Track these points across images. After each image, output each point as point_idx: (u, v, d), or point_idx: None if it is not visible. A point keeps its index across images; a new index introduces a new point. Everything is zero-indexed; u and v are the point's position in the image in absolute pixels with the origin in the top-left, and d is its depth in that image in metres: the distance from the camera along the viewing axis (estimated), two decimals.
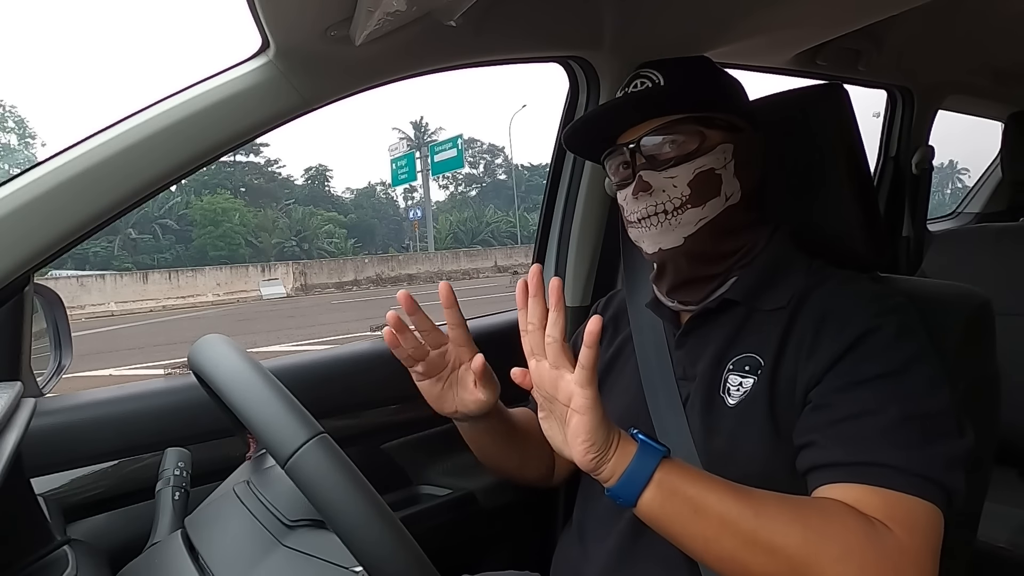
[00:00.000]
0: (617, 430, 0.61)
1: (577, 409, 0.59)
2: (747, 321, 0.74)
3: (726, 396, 0.71)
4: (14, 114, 36.39)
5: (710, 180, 0.73)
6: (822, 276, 0.74)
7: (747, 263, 0.76)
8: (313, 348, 2.54)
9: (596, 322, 0.59)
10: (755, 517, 0.58)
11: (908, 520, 0.57)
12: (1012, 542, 1.23)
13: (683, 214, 0.73)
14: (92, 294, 15.78)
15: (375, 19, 0.78)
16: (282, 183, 41.26)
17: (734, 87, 0.79)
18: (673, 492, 0.59)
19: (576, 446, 0.60)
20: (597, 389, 0.59)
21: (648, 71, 0.76)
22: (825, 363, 0.65)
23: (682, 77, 0.75)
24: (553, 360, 0.62)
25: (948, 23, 1.54)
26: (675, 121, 0.73)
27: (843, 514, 0.57)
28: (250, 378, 0.58)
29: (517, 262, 21.19)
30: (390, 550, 0.49)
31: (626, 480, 0.60)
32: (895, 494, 0.58)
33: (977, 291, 0.80)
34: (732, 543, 0.58)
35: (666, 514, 0.60)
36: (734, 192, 0.74)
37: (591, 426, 0.59)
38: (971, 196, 2.79)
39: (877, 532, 0.56)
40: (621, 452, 0.60)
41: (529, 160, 50.22)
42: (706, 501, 0.59)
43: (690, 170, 0.72)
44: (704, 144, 0.73)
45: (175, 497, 0.78)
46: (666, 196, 0.73)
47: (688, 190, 0.72)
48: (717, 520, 0.58)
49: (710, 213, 0.73)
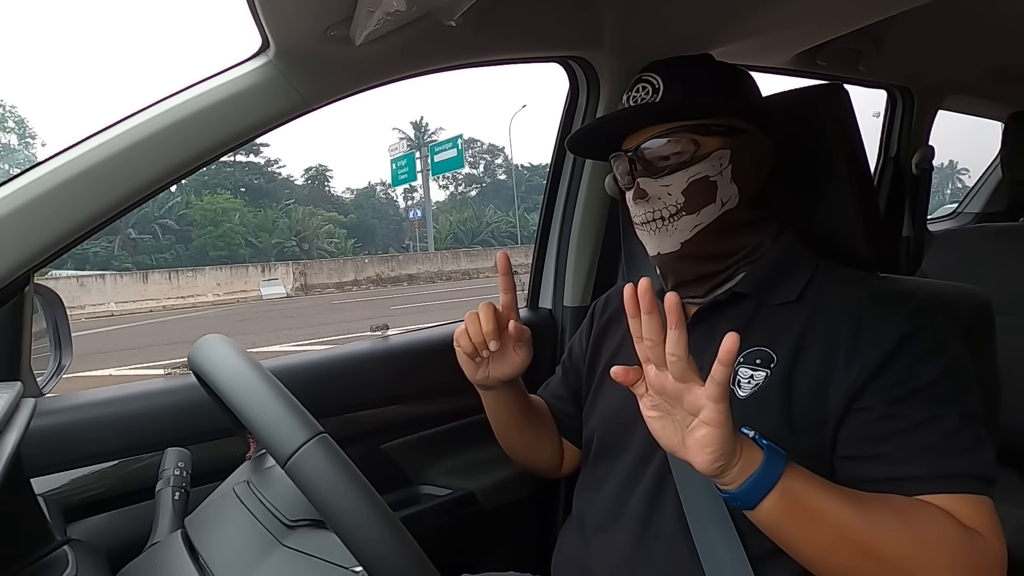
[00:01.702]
0: (741, 437, 0.60)
1: (708, 422, 0.57)
2: (756, 315, 0.74)
3: (736, 388, 0.72)
4: (14, 114, 36.41)
5: (705, 187, 0.73)
6: (834, 275, 0.74)
7: (755, 259, 0.76)
8: (313, 348, 2.54)
9: (733, 340, 0.56)
10: (870, 528, 0.59)
11: (991, 522, 0.61)
12: (1012, 542, 1.23)
13: (679, 220, 0.74)
14: (92, 294, 15.78)
15: (375, 19, 0.78)
16: (282, 183, 41.26)
17: (739, 86, 0.79)
18: (794, 500, 0.59)
19: (702, 455, 0.58)
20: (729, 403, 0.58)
21: (650, 75, 0.76)
22: (870, 368, 0.65)
23: (680, 83, 0.75)
24: (679, 376, 0.59)
25: (948, 23, 1.54)
26: (671, 129, 0.74)
27: (947, 524, 0.59)
28: (250, 378, 0.58)
29: (517, 262, 20.78)
30: (390, 550, 0.49)
31: (749, 487, 0.59)
32: (975, 498, 0.61)
33: (977, 291, 0.80)
34: (847, 553, 0.59)
35: (786, 521, 0.60)
36: (731, 197, 0.74)
37: (722, 438, 0.57)
38: (971, 196, 2.79)
39: (974, 540, 0.59)
40: (746, 460, 0.59)
41: (529, 160, 50.32)
42: (824, 510, 0.59)
43: (684, 178, 0.73)
44: (698, 152, 0.73)
45: (175, 497, 0.77)
46: (662, 203, 0.75)
47: (683, 198, 0.74)
48: (834, 530, 0.59)
49: (705, 219, 0.74)
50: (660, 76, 0.75)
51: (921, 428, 0.63)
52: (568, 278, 1.31)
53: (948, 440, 0.62)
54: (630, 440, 0.79)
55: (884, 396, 0.65)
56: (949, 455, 0.62)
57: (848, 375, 0.66)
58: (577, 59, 1.17)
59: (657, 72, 0.76)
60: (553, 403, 0.97)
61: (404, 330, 1.34)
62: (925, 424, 0.63)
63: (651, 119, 0.75)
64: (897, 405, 0.64)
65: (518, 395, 0.90)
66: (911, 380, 0.64)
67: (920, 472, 0.62)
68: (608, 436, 0.83)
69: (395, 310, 12.12)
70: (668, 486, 0.74)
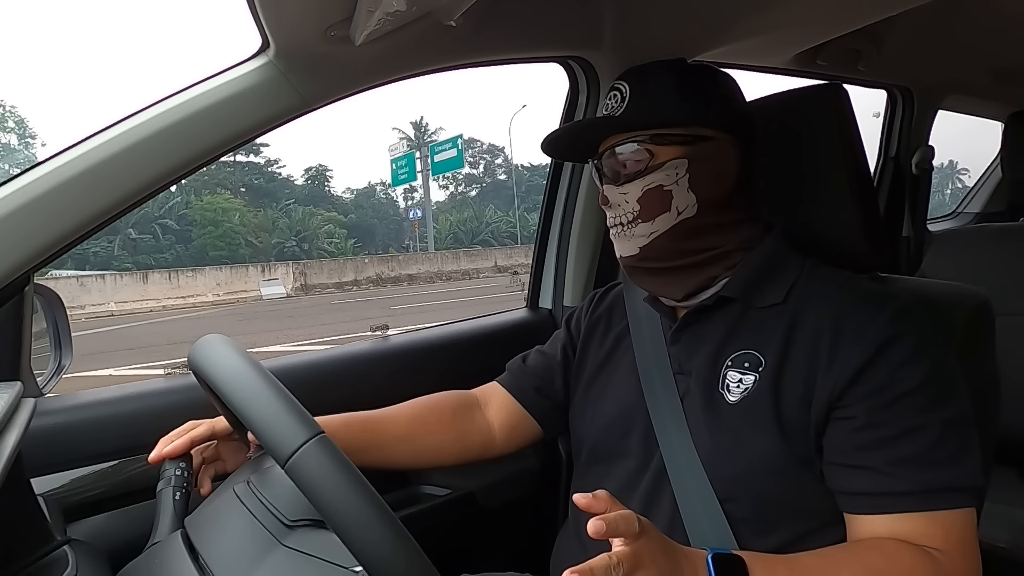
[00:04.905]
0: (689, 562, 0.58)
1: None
2: (743, 318, 0.74)
3: (726, 393, 0.72)
4: (14, 114, 36.36)
5: (659, 196, 0.74)
6: (820, 275, 0.74)
7: (738, 261, 0.76)
8: (313, 348, 2.54)
9: (597, 525, 0.53)
10: None
11: (963, 538, 0.62)
12: (1012, 542, 1.23)
13: (636, 227, 0.76)
14: (92, 294, 15.77)
15: (375, 19, 0.78)
16: (282, 183, 41.23)
17: (709, 94, 0.77)
18: None
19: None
20: None
21: (620, 83, 0.77)
22: (849, 373, 0.65)
23: (643, 93, 0.75)
24: None
25: (948, 23, 1.54)
26: (628, 139, 0.75)
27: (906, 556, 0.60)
28: (250, 378, 0.58)
29: (517, 262, 21.16)
30: (390, 550, 0.49)
31: None
32: (951, 513, 0.62)
33: (977, 291, 0.80)
34: None
35: None
36: (688, 206, 0.74)
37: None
38: (971, 196, 2.79)
39: (937, 565, 0.60)
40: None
41: (529, 160, 50.14)
42: None
43: (639, 187, 0.74)
44: (652, 162, 0.74)
45: (176, 497, 0.77)
46: (621, 210, 0.76)
47: (638, 206, 0.75)
48: None
49: (661, 227, 0.75)
50: (628, 84, 0.76)
51: (903, 438, 0.63)
52: (568, 278, 1.31)
53: (931, 450, 0.62)
54: (627, 445, 0.79)
55: (866, 404, 0.64)
56: (932, 467, 0.62)
57: (829, 379, 0.66)
58: (577, 59, 1.17)
59: (627, 80, 0.77)
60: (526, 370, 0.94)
61: (404, 330, 1.35)
62: (908, 434, 0.63)
63: (609, 129, 0.77)
64: (879, 413, 0.64)
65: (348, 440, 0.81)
66: (892, 387, 0.64)
67: (903, 487, 0.62)
68: (604, 441, 0.82)
69: (395, 310, 12.12)
70: (665, 490, 0.74)
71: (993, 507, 0.79)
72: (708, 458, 0.71)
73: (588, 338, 0.91)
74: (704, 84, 0.78)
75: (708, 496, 0.70)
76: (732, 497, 0.69)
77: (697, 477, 0.71)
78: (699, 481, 0.71)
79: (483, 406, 0.94)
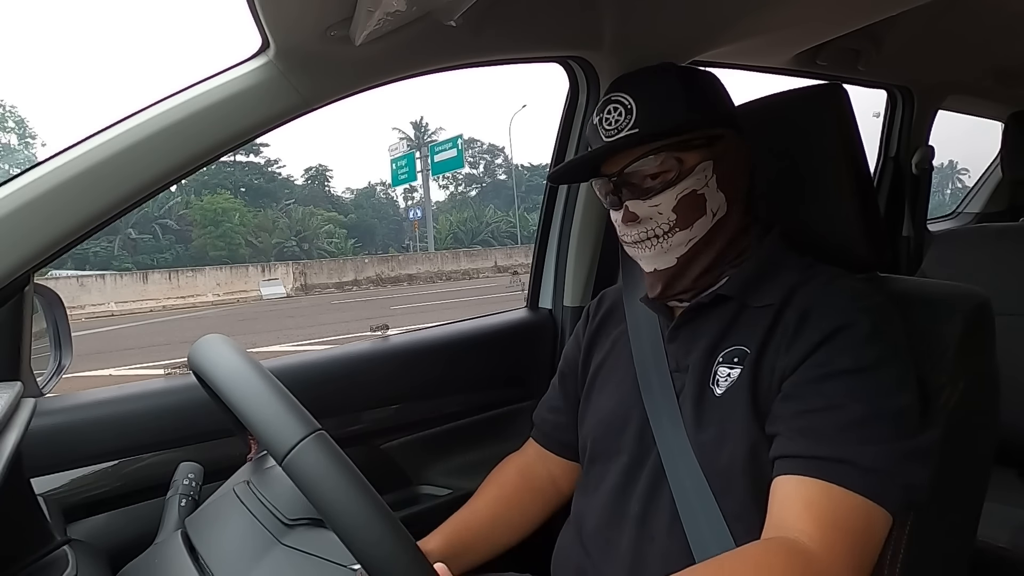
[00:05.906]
0: None
1: None
2: (738, 316, 0.75)
3: (715, 387, 0.73)
4: (14, 114, 36.30)
5: (694, 201, 0.74)
6: (811, 273, 0.75)
7: (740, 262, 0.77)
8: (313, 348, 2.54)
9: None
10: None
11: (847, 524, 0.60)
12: (1012, 542, 1.23)
13: (673, 237, 0.75)
14: (92, 294, 15.77)
15: (375, 19, 0.78)
16: (282, 183, 41.21)
17: (709, 93, 0.77)
18: None
19: None
20: None
21: (620, 96, 0.75)
22: (800, 354, 0.67)
23: (652, 102, 0.74)
24: None
25: (948, 23, 1.54)
26: (652, 150, 0.73)
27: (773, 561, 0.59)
28: (249, 377, 0.58)
29: (517, 262, 21.15)
30: (388, 546, 0.49)
31: None
32: (848, 493, 0.60)
33: (977, 291, 0.80)
34: None
35: None
36: (720, 206, 0.75)
37: None
38: (971, 196, 2.79)
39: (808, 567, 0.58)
40: None
41: (529, 160, 50.18)
42: None
43: (673, 196, 0.74)
44: (683, 169, 0.73)
45: (181, 504, 0.78)
46: (654, 223, 0.75)
47: (674, 215, 0.74)
48: None
49: (699, 232, 0.75)
50: (631, 96, 0.74)
51: (819, 413, 0.63)
52: (568, 278, 1.31)
53: (844, 429, 0.62)
54: (623, 442, 0.80)
55: (802, 377, 0.66)
56: (835, 442, 0.61)
57: (783, 362, 0.68)
58: (577, 59, 1.17)
59: (626, 92, 0.75)
60: (550, 419, 0.95)
61: (404, 330, 1.35)
62: (825, 410, 0.63)
63: (629, 144, 0.74)
64: (808, 386, 0.65)
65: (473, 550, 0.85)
66: (831, 364, 0.65)
67: (798, 450, 0.63)
68: (602, 438, 0.83)
69: (395, 310, 12.11)
70: (663, 487, 0.74)
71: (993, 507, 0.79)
72: (700, 452, 0.72)
73: (590, 348, 0.92)
74: (700, 84, 0.78)
75: (704, 493, 0.70)
76: (725, 490, 0.70)
77: (693, 474, 0.72)
78: (695, 478, 0.71)
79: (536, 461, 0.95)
